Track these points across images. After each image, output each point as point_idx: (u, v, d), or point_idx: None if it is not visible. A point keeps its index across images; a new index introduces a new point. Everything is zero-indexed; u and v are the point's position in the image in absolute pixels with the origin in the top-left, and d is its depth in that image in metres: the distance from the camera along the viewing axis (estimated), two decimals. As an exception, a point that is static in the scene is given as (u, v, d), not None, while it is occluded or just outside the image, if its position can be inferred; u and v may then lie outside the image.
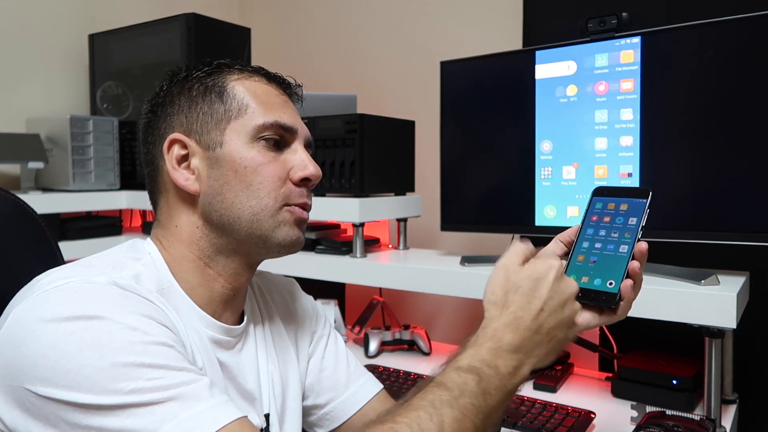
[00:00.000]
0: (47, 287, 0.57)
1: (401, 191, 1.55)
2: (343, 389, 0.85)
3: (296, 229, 0.70)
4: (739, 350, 1.22)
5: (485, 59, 1.33)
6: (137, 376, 0.53)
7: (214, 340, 0.69)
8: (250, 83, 0.71)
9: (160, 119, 0.71)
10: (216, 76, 0.71)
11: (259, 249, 0.70)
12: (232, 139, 0.68)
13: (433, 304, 1.81)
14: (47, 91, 1.81)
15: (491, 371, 0.58)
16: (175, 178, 0.68)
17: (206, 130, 0.69)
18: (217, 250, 0.70)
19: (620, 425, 1.06)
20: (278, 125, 0.69)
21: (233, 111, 0.69)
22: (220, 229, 0.69)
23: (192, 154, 0.69)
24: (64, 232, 1.61)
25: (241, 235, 0.68)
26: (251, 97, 0.69)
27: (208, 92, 0.70)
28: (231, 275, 0.71)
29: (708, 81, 1.08)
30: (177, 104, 0.70)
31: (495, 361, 0.58)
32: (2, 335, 0.56)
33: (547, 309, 0.61)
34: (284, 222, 0.69)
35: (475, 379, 0.57)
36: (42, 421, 0.53)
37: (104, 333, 0.54)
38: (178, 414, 0.52)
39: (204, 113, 0.69)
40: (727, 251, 1.20)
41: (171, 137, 0.69)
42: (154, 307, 0.61)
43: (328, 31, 2.08)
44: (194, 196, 0.69)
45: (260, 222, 0.68)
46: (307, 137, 0.74)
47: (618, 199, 0.68)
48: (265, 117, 0.69)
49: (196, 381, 0.56)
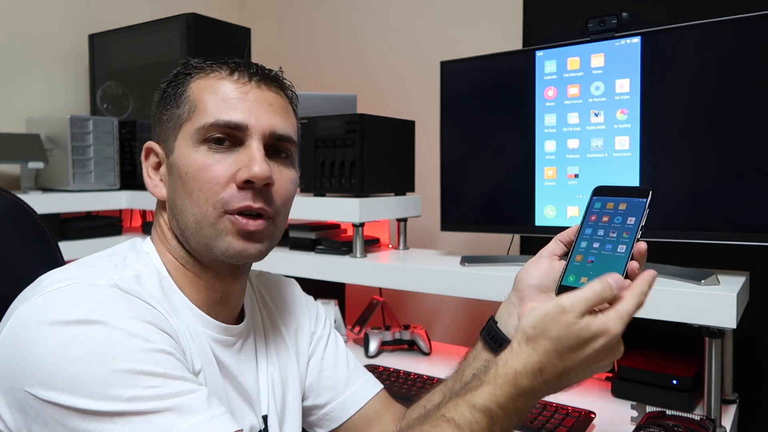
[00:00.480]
0: (49, 288, 0.57)
1: (401, 191, 1.55)
2: (342, 389, 0.85)
3: (240, 240, 0.64)
4: (739, 350, 1.22)
5: (485, 59, 1.33)
6: (136, 383, 0.53)
7: (213, 339, 0.69)
8: (206, 81, 0.67)
9: (152, 128, 0.73)
10: (181, 79, 0.69)
11: (210, 257, 0.67)
12: (180, 144, 0.67)
13: (433, 304, 1.81)
14: (47, 91, 1.81)
15: (503, 414, 0.57)
16: (147, 184, 0.71)
17: (167, 137, 0.69)
18: (189, 256, 0.69)
19: (620, 425, 1.06)
20: (219, 124, 0.64)
21: (185, 114, 0.67)
22: (180, 236, 0.68)
23: (162, 161, 0.70)
24: (64, 232, 1.61)
25: (191, 244, 0.67)
26: (201, 97, 0.66)
27: (170, 98, 0.69)
28: (212, 280, 0.70)
29: (708, 81, 1.08)
30: (155, 112, 0.72)
31: (509, 405, 0.57)
32: (4, 337, 0.56)
33: (575, 370, 0.57)
34: (224, 231, 0.64)
35: (488, 422, 0.56)
36: (41, 424, 0.53)
37: (105, 339, 0.54)
38: (175, 425, 0.53)
39: (166, 119, 0.69)
40: (727, 251, 1.20)
41: (146, 145, 0.71)
42: (155, 312, 0.61)
43: (328, 31, 2.08)
44: (164, 201, 0.70)
45: (202, 230, 0.65)
46: (268, 131, 0.66)
47: (617, 198, 0.68)
48: (207, 117, 0.64)
49: (195, 391, 0.56)
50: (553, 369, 0.57)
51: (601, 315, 0.57)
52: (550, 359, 0.56)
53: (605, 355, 0.57)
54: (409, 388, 1.21)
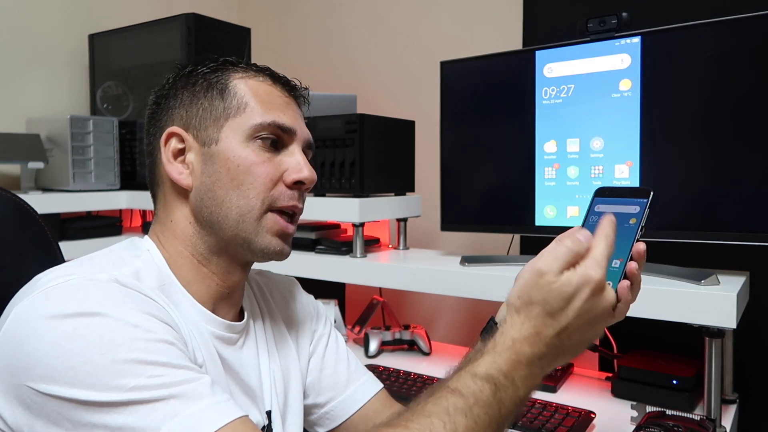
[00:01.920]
0: (48, 285, 0.57)
1: (401, 191, 1.55)
2: (343, 388, 0.85)
3: (278, 240, 0.69)
4: (739, 350, 1.22)
5: (485, 59, 1.33)
6: (139, 372, 0.53)
7: (215, 336, 0.69)
8: (253, 82, 0.71)
9: (162, 111, 0.72)
10: (220, 73, 0.71)
11: (244, 251, 0.70)
12: (228, 137, 0.68)
13: (433, 304, 1.81)
14: (47, 91, 1.81)
15: (507, 382, 0.56)
16: (169, 171, 0.69)
17: (204, 126, 0.69)
18: (209, 248, 0.70)
19: (620, 425, 1.06)
20: (275, 125, 0.69)
21: (232, 109, 0.69)
22: (209, 226, 0.69)
23: (188, 148, 0.69)
24: (64, 232, 1.61)
25: (227, 234, 0.68)
26: (252, 96, 0.69)
27: (210, 88, 0.70)
28: (224, 274, 0.71)
29: (708, 81, 1.08)
30: (179, 98, 0.71)
31: (512, 372, 0.56)
32: (4, 333, 0.56)
33: (572, 327, 0.57)
34: (267, 229, 0.68)
35: (491, 389, 0.55)
36: (44, 419, 0.53)
37: (106, 330, 0.54)
38: (180, 411, 0.52)
39: (204, 109, 0.69)
40: (727, 251, 1.20)
41: (169, 130, 0.69)
42: (156, 305, 0.61)
43: (328, 30, 2.08)
44: (187, 191, 0.69)
45: (245, 224, 0.68)
46: (306, 140, 0.73)
47: (618, 199, 0.68)
48: (263, 116, 0.68)
49: (198, 379, 0.56)
50: (550, 330, 0.57)
51: (579, 266, 0.57)
52: (544, 321, 0.57)
53: (597, 305, 0.57)
54: (409, 388, 1.21)
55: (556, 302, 0.57)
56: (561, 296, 0.56)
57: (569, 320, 0.57)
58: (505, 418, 0.56)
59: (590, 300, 0.57)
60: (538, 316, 0.57)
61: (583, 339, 0.59)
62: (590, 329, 0.58)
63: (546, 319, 0.57)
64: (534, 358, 0.57)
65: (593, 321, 0.58)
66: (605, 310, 0.58)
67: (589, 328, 0.58)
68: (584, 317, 0.57)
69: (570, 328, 0.57)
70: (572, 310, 0.57)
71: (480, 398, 0.55)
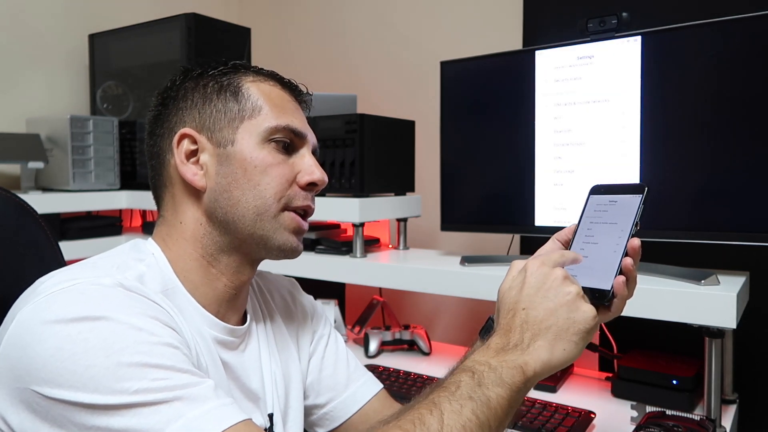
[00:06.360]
0: (52, 289, 0.57)
1: (401, 191, 1.55)
2: (343, 389, 0.85)
3: (294, 237, 0.71)
4: (739, 350, 1.22)
5: (485, 59, 1.33)
6: (142, 376, 0.53)
7: (217, 341, 0.69)
8: (265, 86, 0.72)
9: (171, 113, 0.71)
10: (232, 76, 0.72)
11: (260, 249, 0.71)
12: (244, 138, 0.69)
13: (433, 304, 1.81)
14: (47, 91, 1.81)
15: (483, 367, 0.59)
16: (183, 172, 0.69)
17: (219, 128, 0.69)
18: (220, 248, 0.70)
19: (620, 425, 1.06)
20: (290, 129, 0.71)
21: (247, 111, 0.70)
22: (223, 226, 0.69)
23: (201, 149, 0.69)
24: (64, 232, 1.61)
25: (243, 233, 0.69)
26: (265, 100, 0.71)
27: (223, 90, 0.70)
28: (233, 273, 0.71)
29: (708, 81, 1.08)
30: (190, 99, 0.71)
31: (488, 360, 0.59)
32: (8, 338, 0.56)
33: (525, 301, 0.62)
34: (284, 226, 0.70)
35: (469, 374, 0.58)
36: (49, 423, 0.53)
37: (110, 333, 0.54)
38: (184, 414, 0.53)
39: (218, 110, 0.70)
40: (727, 251, 1.20)
41: (182, 131, 0.69)
42: (160, 309, 0.61)
43: (328, 30, 2.08)
44: (200, 191, 0.69)
45: (263, 222, 0.69)
46: (314, 144, 0.76)
47: (613, 196, 0.68)
48: (278, 120, 0.70)
49: (202, 382, 0.56)
50: (510, 314, 0.63)
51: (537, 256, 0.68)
52: (506, 310, 0.63)
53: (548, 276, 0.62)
54: (409, 388, 1.21)
55: (512, 285, 0.65)
56: (512, 279, 0.65)
57: (521, 296, 0.63)
58: (494, 399, 0.57)
59: (536, 274, 0.63)
60: (502, 309, 0.64)
61: (548, 309, 0.61)
62: (547, 300, 0.61)
63: (506, 308, 0.64)
64: (505, 345, 0.61)
65: (547, 290, 0.62)
66: (557, 279, 0.62)
67: (545, 299, 0.61)
68: (536, 288, 0.62)
69: (523, 302, 0.62)
70: (523, 289, 0.63)
71: (460, 384, 0.57)
